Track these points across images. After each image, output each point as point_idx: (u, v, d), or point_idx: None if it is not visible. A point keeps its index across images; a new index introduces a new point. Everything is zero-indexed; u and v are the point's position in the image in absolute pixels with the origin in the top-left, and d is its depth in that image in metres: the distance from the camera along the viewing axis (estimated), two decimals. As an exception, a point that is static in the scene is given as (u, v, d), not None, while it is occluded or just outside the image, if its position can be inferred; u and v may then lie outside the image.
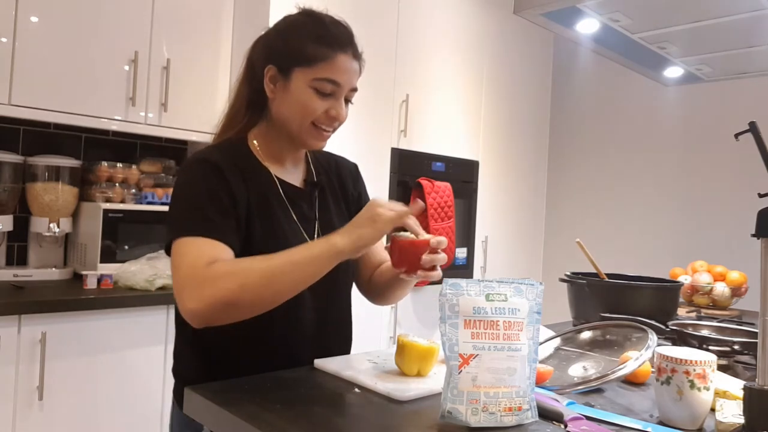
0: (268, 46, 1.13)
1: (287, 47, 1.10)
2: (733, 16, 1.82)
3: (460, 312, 0.87)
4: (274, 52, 1.12)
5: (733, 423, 0.88)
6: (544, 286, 0.92)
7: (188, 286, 0.94)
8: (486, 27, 3.33)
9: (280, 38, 1.12)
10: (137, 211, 2.31)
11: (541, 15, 1.87)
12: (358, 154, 1.48)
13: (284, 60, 1.10)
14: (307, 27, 1.10)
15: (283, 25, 1.14)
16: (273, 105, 1.13)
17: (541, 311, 0.91)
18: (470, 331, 0.87)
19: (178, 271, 0.97)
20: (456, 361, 0.85)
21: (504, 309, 0.89)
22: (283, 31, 1.12)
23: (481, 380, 0.85)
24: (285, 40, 1.11)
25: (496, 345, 0.87)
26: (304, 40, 1.08)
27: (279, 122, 1.13)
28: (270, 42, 1.14)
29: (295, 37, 1.10)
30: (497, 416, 0.85)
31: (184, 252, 0.98)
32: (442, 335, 0.88)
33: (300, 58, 1.08)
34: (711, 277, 2.25)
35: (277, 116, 1.13)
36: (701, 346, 1.32)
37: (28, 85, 2.07)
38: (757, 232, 0.87)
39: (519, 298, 0.89)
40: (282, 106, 1.12)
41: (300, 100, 1.09)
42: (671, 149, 3.51)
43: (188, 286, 0.94)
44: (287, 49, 1.10)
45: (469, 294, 0.88)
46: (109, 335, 2.01)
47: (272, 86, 1.12)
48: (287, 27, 1.13)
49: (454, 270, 3.13)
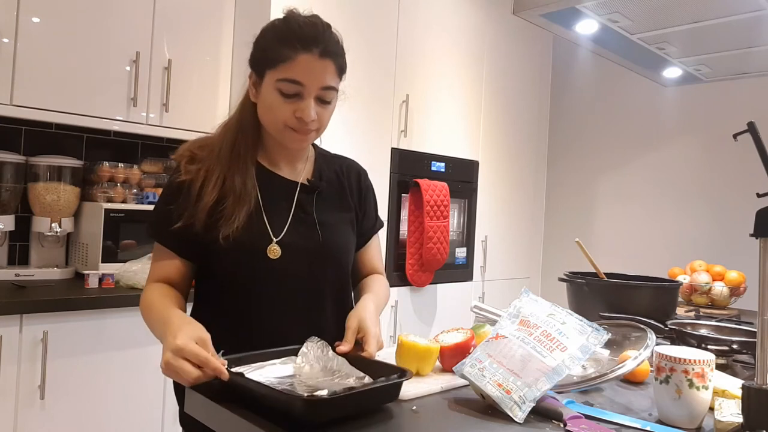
0: (251, 52, 1.17)
1: (258, 51, 1.14)
2: (732, 16, 1.82)
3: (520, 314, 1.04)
4: (251, 57, 1.16)
5: (731, 422, 0.88)
6: (609, 336, 1.01)
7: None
8: (486, 27, 3.33)
9: (256, 43, 1.16)
10: (138, 211, 2.32)
11: (540, 16, 1.87)
12: (358, 154, 1.49)
13: (257, 64, 1.14)
14: (276, 29, 1.13)
15: (262, 29, 1.17)
16: (258, 109, 1.17)
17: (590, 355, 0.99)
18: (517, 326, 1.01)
19: None
20: (492, 336, 1.01)
21: (554, 326, 0.99)
22: (260, 36, 1.16)
23: (495, 354, 0.97)
24: (257, 44, 1.16)
25: (525, 338, 0.97)
26: (272, 42, 1.11)
27: (263, 125, 1.17)
28: (253, 47, 1.17)
29: (266, 40, 1.14)
30: (486, 380, 0.93)
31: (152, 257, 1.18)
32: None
33: (267, 60, 1.11)
34: (710, 276, 2.26)
35: (260, 119, 1.17)
36: (700, 345, 1.33)
37: (30, 86, 2.08)
38: (755, 232, 0.88)
39: (577, 333, 0.98)
40: (260, 110, 1.16)
41: (267, 102, 1.12)
42: (670, 149, 3.52)
43: None
44: (258, 53, 1.14)
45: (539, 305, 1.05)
46: (111, 335, 2.01)
47: (254, 91, 1.16)
48: (263, 31, 1.16)
49: (453, 269, 3.14)
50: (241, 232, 1.10)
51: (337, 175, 1.29)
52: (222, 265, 1.14)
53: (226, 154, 1.15)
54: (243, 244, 1.11)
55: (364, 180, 1.34)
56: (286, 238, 1.15)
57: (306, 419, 0.80)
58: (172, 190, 1.15)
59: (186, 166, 1.15)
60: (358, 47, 2.58)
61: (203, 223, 1.11)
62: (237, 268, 1.14)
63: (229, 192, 1.12)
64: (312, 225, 1.19)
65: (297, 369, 1.02)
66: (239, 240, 1.10)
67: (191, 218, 1.11)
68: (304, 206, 1.20)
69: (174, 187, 1.15)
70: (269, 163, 1.22)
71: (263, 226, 1.15)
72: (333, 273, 1.21)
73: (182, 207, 1.12)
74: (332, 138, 2.49)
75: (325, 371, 1.00)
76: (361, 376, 0.97)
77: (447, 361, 1.10)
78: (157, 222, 1.15)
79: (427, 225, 2.82)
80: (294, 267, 1.15)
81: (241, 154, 1.16)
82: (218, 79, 2.58)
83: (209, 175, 1.13)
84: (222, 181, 1.12)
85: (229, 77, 2.61)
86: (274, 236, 1.14)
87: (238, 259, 1.12)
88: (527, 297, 1.07)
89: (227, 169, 1.13)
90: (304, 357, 1.04)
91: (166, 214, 1.13)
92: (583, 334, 0.98)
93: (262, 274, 1.13)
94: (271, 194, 1.18)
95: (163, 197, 1.18)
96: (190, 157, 1.16)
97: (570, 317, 1.01)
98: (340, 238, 1.23)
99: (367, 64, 2.71)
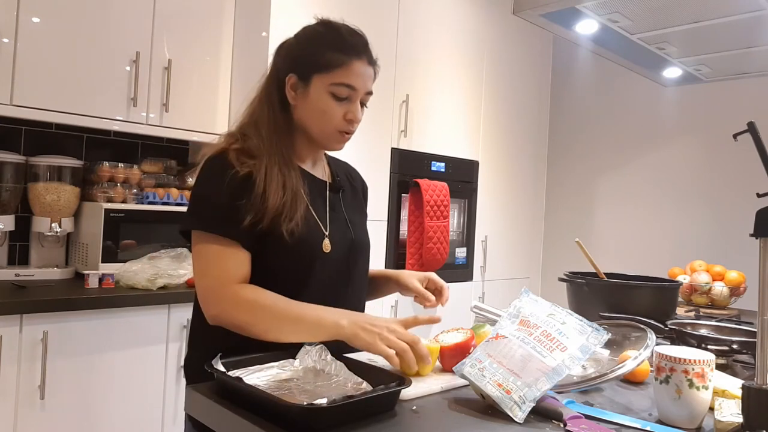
0: (289, 56, 1.21)
1: (306, 55, 1.18)
2: (732, 16, 1.83)
3: (520, 314, 1.03)
4: (294, 60, 1.19)
5: (731, 422, 0.88)
6: (609, 336, 1.01)
7: (212, 297, 1.09)
8: (486, 27, 3.33)
9: (300, 47, 1.20)
10: (138, 211, 2.32)
11: (540, 16, 1.87)
12: (358, 154, 1.50)
13: (304, 68, 1.18)
14: (325, 36, 1.19)
15: (303, 35, 1.22)
16: (295, 111, 1.21)
17: (590, 355, 0.99)
18: (517, 326, 1.02)
19: (204, 277, 1.11)
20: (492, 336, 1.02)
21: (554, 326, 0.99)
22: (303, 41, 1.21)
23: (495, 354, 0.97)
24: (304, 49, 1.20)
25: (525, 338, 0.97)
26: (322, 49, 1.17)
27: (301, 127, 1.21)
28: (291, 51, 1.21)
29: (314, 45, 1.18)
30: (486, 380, 0.93)
31: (207, 254, 1.10)
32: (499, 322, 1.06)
33: (318, 65, 1.16)
34: (710, 276, 2.26)
35: (299, 122, 1.21)
36: (700, 345, 1.33)
37: (30, 86, 2.08)
38: (755, 232, 0.88)
39: (577, 333, 0.98)
40: (304, 112, 1.20)
41: (319, 104, 1.17)
42: (670, 149, 3.52)
43: (212, 297, 1.09)
44: (306, 57, 1.18)
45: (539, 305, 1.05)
46: (111, 335, 2.02)
47: (293, 93, 1.20)
48: (307, 37, 1.21)
49: (453, 269, 3.14)
50: (301, 228, 1.13)
51: (348, 178, 1.37)
52: (282, 259, 1.14)
53: (276, 152, 1.16)
54: (305, 240, 1.14)
55: (365, 184, 1.44)
56: (332, 233, 1.21)
57: (304, 427, 0.81)
58: (236, 183, 1.10)
59: (241, 158, 1.12)
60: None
61: (270, 220, 1.10)
62: (297, 262, 1.15)
63: (287, 189, 1.13)
64: (344, 222, 1.26)
65: (295, 373, 1.02)
66: (302, 235, 1.13)
67: (260, 214, 1.10)
68: (333, 204, 1.26)
69: (239, 180, 1.10)
70: (302, 163, 1.25)
71: (315, 222, 1.19)
72: (363, 266, 1.30)
73: (251, 201, 1.10)
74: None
75: (323, 376, 1.01)
76: (359, 382, 0.97)
77: (447, 361, 1.10)
78: (223, 215, 1.09)
79: (427, 225, 2.82)
80: (340, 260, 1.22)
81: (285, 154, 1.18)
82: (218, 79, 2.58)
83: (269, 171, 1.12)
84: (282, 179, 1.13)
85: (229, 77, 2.61)
86: (325, 231, 1.20)
87: (300, 253, 1.15)
88: (527, 297, 1.07)
89: (283, 167, 1.15)
90: (303, 361, 1.04)
91: (236, 208, 1.09)
92: (583, 334, 0.98)
93: (318, 267, 1.18)
94: (312, 192, 1.22)
95: (224, 190, 1.10)
96: (240, 149, 1.14)
97: (570, 317, 1.01)
98: (365, 235, 1.33)
99: (367, 64, 2.70)
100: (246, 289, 1.09)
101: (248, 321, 1.07)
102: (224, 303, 1.08)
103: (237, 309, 1.07)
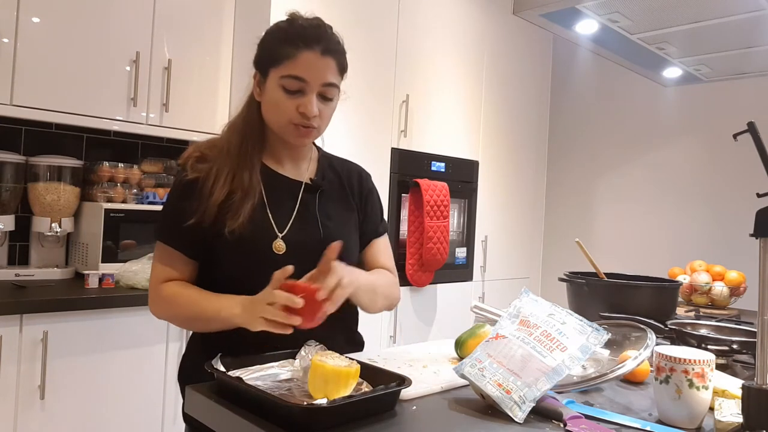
0: (256, 53, 1.21)
1: (262, 51, 1.19)
2: (732, 16, 1.83)
3: (520, 314, 1.03)
4: (256, 57, 1.20)
5: (731, 422, 0.88)
6: (609, 336, 1.01)
7: (149, 298, 1.19)
8: (486, 27, 3.33)
9: (261, 44, 1.21)
10: (139, 211, 2.32)
11: (540, 16, 1.87)
12: (358, 154, 1.49)
13: (262, 63, 1.18)
14: (282, 29, 1.17)
15: (266, 31, 1.21)
16: (262, 108, 1.20)
17: (590, 355, 0.99)
18: (517, 326, 1.02)
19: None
20: (492, 336, 1.02)
21: (554, 326, 0.99)
22: (264, 37, 1.21)
23: (495, 354, 0.97)
24: (262, 44, 1.20)
25: (525, 338, 0.97)
26: (275, 42, 1.16)
27: (267, 123, 1.21)
28: (257, 49, 1.21)
29: (269, 40, 1.18)
30: (486, 380, 0.93)
31: (154, 260, 1.19)
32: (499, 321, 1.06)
33: (271, 59, 1.16)
34: (710, 276, 2.26)
35: (264, 118, 1.20)
36: (700, 345, 1.33)
37: (30, 86, 2.08)
38: (755, 232, 0.88)
39: (577, 333, 0.99)
40: (264, 107, 1.19)
41: (272, 98, 1.16)
42: (670, 149, 3.52)
43: (149, 297, 1.19)
44: (262, 52, 1.19)
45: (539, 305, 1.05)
46: (111, 335, 2.01)
47: (258, 90, 1.20)
48: (268, 32, 1.21)
49: (453, 269, 3.14)
50: (246, 226, 1.12)
51: (338, 176, 1.31)
52: (227, 260, 1.15)
53: (234, 152, 1.17)
54: (248, 239, 1.13)
55: (366, 182, 1.35)
56: (290, 234, 1.17)
57: (304, 427, 0.81)
58: (181, 189, 1.16)
59: (195, 164, 1.16)
60: (359, 47, 2.58)
61: (212, 219, 1.12)
62: (242, 263, 1.14)
63: (237, 188, 1.14)
64: (314, 222, 1.21)
65: (295, 373, 1.01)
66: (245, 234, 1.12)
67: (203, 215, 1.12)
68: (307, 204, 1.22)
69: (183, 185, 1.16)
70: (274, 163, 1.24)
71: (267, 222, 1.17)
72: None
73: (194, 205, 1.13)
74: (333, 138, 2.49)
75: None
76: (359, 382, 0.97)
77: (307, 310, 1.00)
78: (167, 223, 1.17)
79: (427, 225, 2.82)
80: (298, 263, 1.13)
81: (248, 152, 1.18)
82: (218, 79, 2.58)
83: (219, 172, 1.15)
84: (231, 177, 1.14)
85: (229, 77, 2.61)
86: (279, 232, 1.17)
87: (244, 253, 1.14)
88: (527, 297, 1.07)
89: (236, 166, 1.16)
90: (302, 360, 1.04)
91: (177, 212, 1.14)
92: (583, 334, 0.98)
93: (268, 269, 1.12)
94: (276, 192, 1.20)
95: (171, 197, 1.19)
96: (199, 156, 1.18)
97: (570, 317, 1.01)
98: (341, 236, 1.22)
99: (367, 64, 2.71)
100: (167, 288, 1.15)
101: (170, 316, 1.17)
102: (152, 302, 1.18)
103: (160, 306, 1.16)
